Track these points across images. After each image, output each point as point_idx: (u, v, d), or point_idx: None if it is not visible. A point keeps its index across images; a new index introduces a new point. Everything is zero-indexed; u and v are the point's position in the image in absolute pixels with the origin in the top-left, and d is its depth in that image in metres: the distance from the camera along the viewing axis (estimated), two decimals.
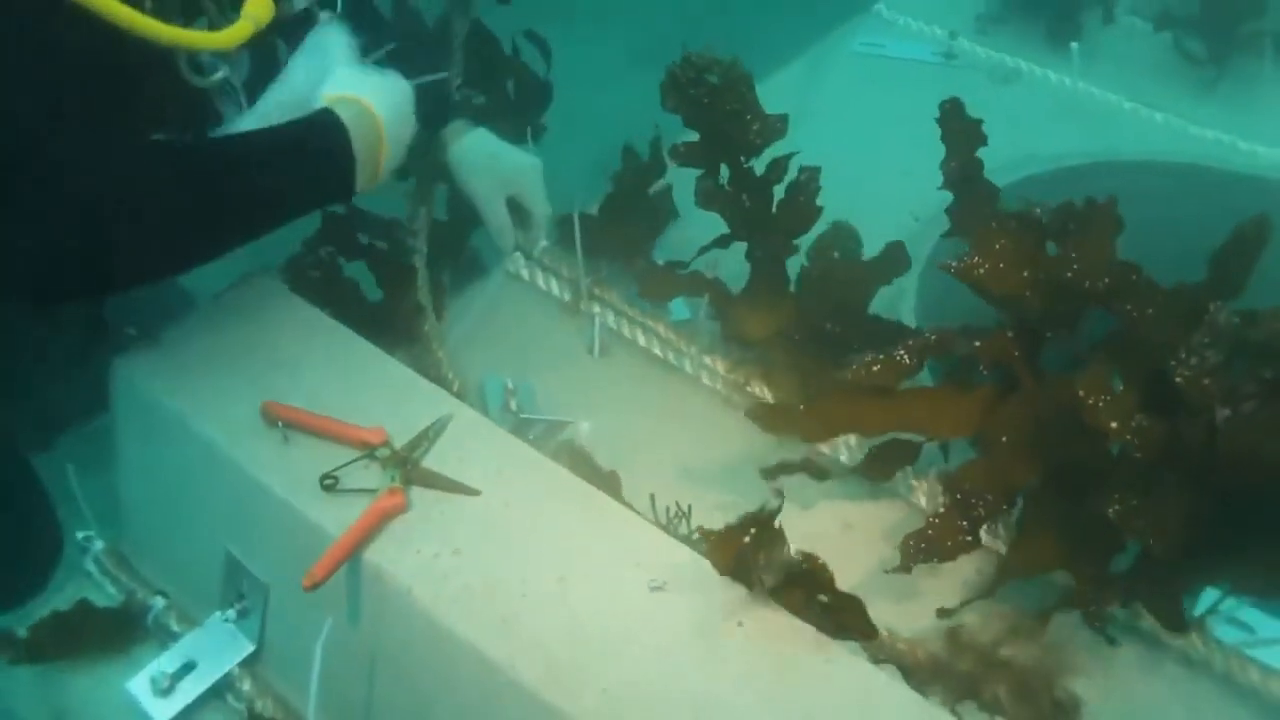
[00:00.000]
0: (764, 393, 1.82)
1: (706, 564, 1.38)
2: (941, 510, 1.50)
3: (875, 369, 1.53)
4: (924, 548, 1.48)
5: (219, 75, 1.55)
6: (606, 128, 2.14)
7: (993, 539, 1.58)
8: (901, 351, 1.53)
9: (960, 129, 1.70)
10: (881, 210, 1.99)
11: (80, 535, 1.68)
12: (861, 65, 2.70)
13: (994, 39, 2.74)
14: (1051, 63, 2.64)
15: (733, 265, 1.86)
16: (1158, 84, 2.61)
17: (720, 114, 1.70)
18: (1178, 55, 2.63)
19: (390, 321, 1.90)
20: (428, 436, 1.48)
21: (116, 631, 1.62)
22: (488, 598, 1.31)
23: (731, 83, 1.69)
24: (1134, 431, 1.36)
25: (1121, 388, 1.42)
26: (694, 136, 1.75)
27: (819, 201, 1.76)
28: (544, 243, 2.07)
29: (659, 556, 1.37)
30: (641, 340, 1.95)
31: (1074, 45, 2.56)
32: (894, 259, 1.80)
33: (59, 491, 1.66)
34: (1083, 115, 2.55)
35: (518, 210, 2.00)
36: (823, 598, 1.32)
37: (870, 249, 1.80)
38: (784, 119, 1.72)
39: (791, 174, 1.76)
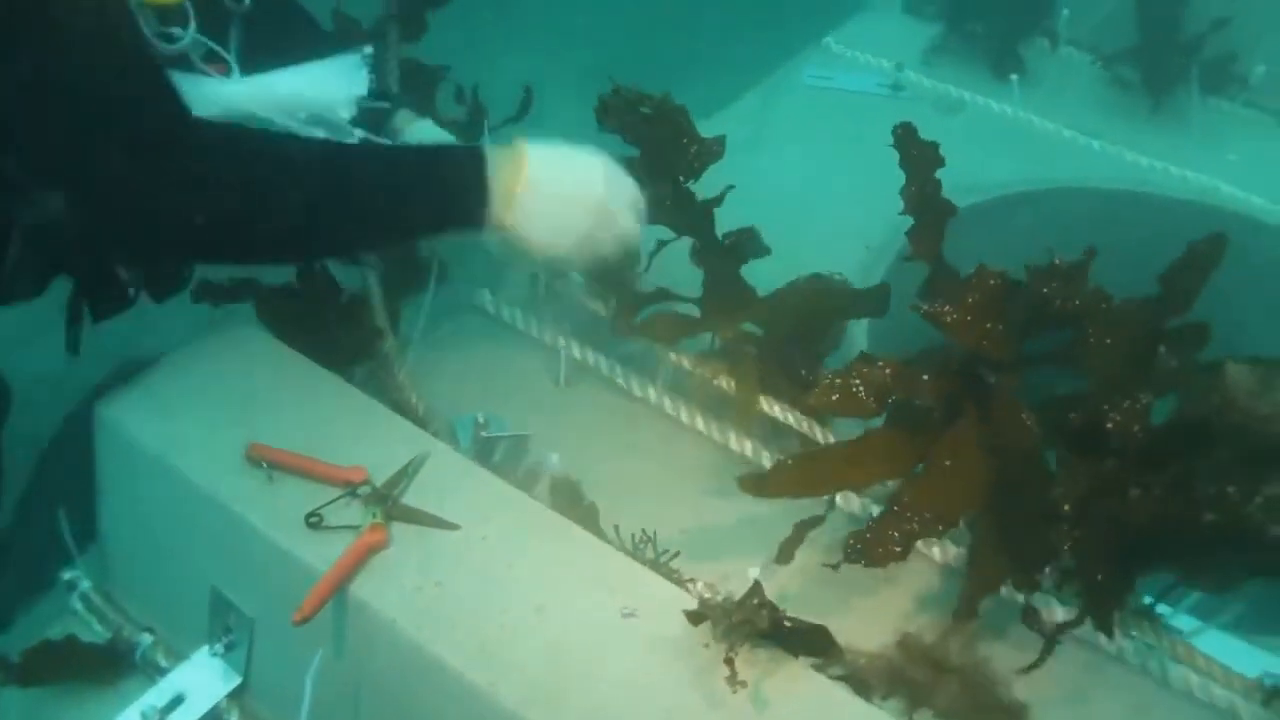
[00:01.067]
0: (729, 386, 1.88)
1: (674, 590, 1.46)
2: (877, 518, 1.57)
3: (834, 399, 1.60)
4: (858, 549, 1.53)
5: (184, 41, 1.54)
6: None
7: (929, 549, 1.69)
8: (859, 385, 1.60)
9: (917, 152, 1.73)
10: (833, 238, 2.08)
11: (66, 575, 1.73)
12: (812, 97, 2.80)
13: (939, 70, 2.85)
14: (994, 93, 2.76)
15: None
16: (1095, 113, 2.73)
17: (657, 137, 1.77)
18: (1113, 85, 2.75)
19: (345, 341, 1.92)
20: (406, 474, 1.54)
21: (104, 667, 1.67)
22: (469, 627, 1.38)
23: (664, 114, 1.76)
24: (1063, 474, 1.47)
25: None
26: None
27: (766, 240, 1.87)
28: None
29: (630, 584, 1.45)
30: (605, 370, 2.02)
31: (1014, 77, 2.68)
32: (876, 298, 1.86)
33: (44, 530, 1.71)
34: (1025, 143, 2.67)
35: None
36: (788, 623, 1.40)
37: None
38: (720, 141, 1.78)
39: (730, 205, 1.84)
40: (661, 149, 1.78)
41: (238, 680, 1.60)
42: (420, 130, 2.00)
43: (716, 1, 3.61)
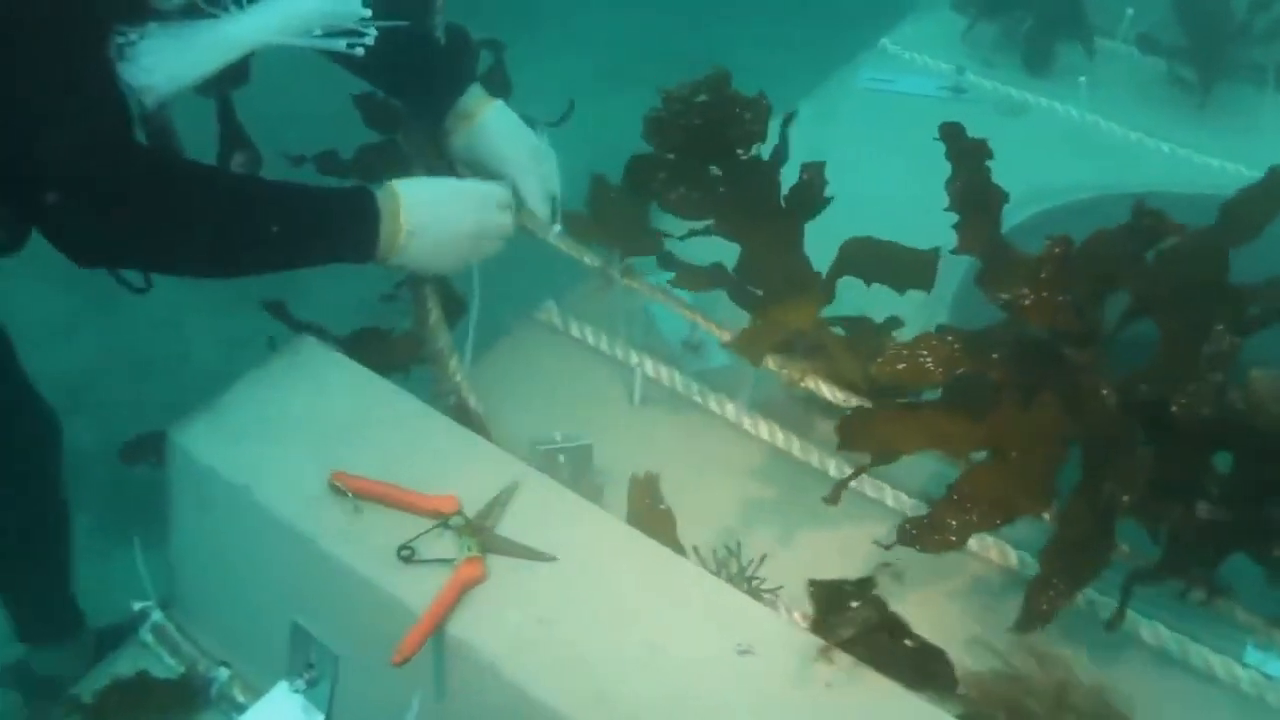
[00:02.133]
0: (819, 387, 1.81)
1: (786, 623, 1.40)
2: (935, 504, 1.54)
3: (900, 368, 1.58)
4: (912, 534, 1.51)
5: None
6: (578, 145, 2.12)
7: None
8: (926, 356, 1.57)
9: (964, 147, 1.70)
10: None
11: (137, 606, 1.66)
12: (870, 101, 2.74)
13: (1000, 72, 2.78)
14: (1058, 95, 2.69)
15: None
16: (1160, 114, 2.66)
17: (714, 121, 1.72)
18: (1175, 85, 2.69)
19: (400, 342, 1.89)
20: (499, 502, 1.48)
21: (179, 702, 1.60)
22: (578, 669, 1.32)
23: (715, 87, 1.72)
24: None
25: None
26: None
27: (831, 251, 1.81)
28: (558, 227, 1.99)
29: (742, 619, 1.38)
30: (681, 387, 1.96)
31: (1081, 79, 2.61)
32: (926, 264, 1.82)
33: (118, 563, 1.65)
34: (1090, 147, 2.60)
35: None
36: (908, 642, 1.34)
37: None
38: (763, 97, 1.74)
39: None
40: (721, 129, 1.73)
41: (320, 718, 1.53)
42: (497, 114, 1.93)
43: (767, 7, 3.55)
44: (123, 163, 1.43)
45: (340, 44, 1.63)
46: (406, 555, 1.41)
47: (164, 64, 1.47)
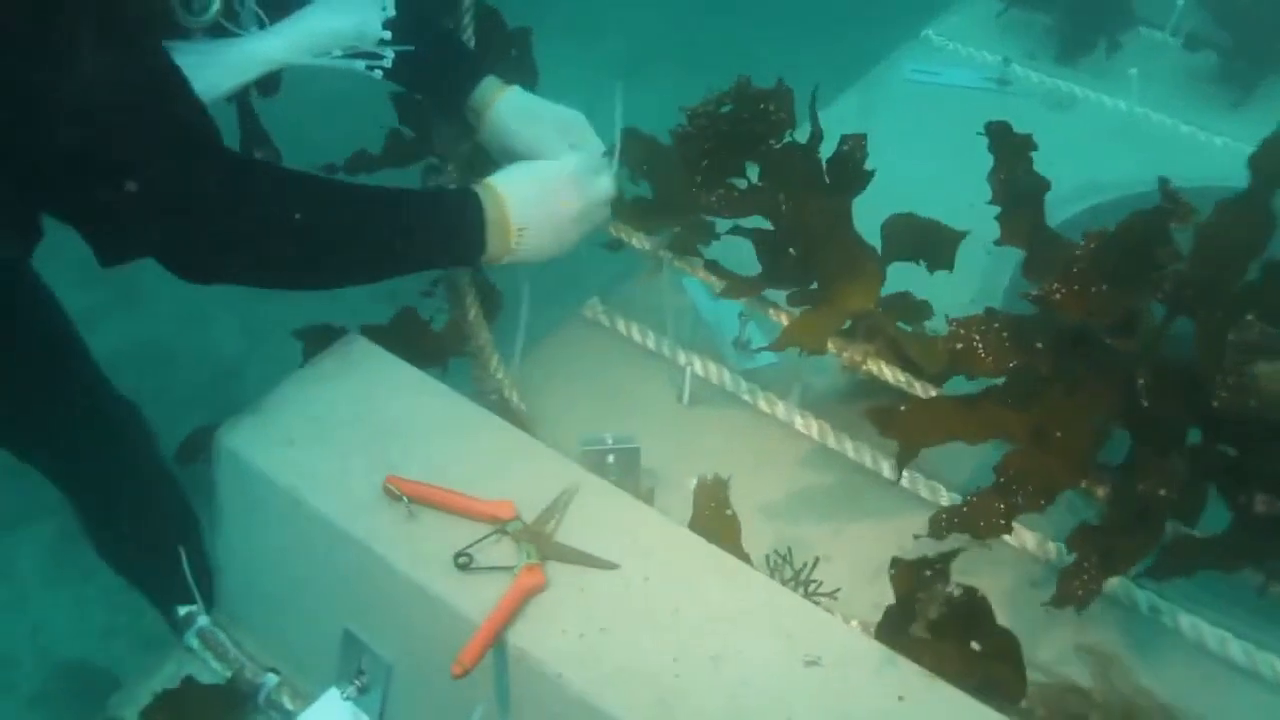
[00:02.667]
0: (882, 370, 1.77)
1: (855, 632, 1.36)
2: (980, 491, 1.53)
3: (958, 348, 1.61)
4: (957, 522, 1.50)
5: (212, 12, 1.53)
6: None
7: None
8: (979, 344, 1.60)
9: (1010, 145, 1.69)
10: None
11: (182, 611, 1.63)
12: (914, 93, 2.69)
13: (1046, 64, 2.73)
14: (1107, 88, 2.63)
15: None
16: (1211, 107, 2.61)
17: (741, 123, 1.73)
18: (1226, 79, 2.63)
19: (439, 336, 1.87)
20: (557, 507, 1.44)
21: (227, 709, 1.57)
22: (642, 679, 1.28)
23: (738, 94, 1.72)
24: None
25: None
26: None
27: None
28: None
29: (808, 628, 1.35)
30: (730, 386, 1.92)
31: (1132, 71, 2.56)
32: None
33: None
34: (1141, 140, 2.55)
35: None
36: (975, 645, 1.31)
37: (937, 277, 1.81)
38: (782, 84, 1.74)
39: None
40: (749, 127, 1.73)
41: None
42: (511, 98, 1.91)
43: (798, 23, 3.52)
44: (228, 174, 1.43)
45: (359, 65, 1.68)
46: (464, 563, 1.38)
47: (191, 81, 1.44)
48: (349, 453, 1.51)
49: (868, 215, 1.80)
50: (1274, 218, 1.49)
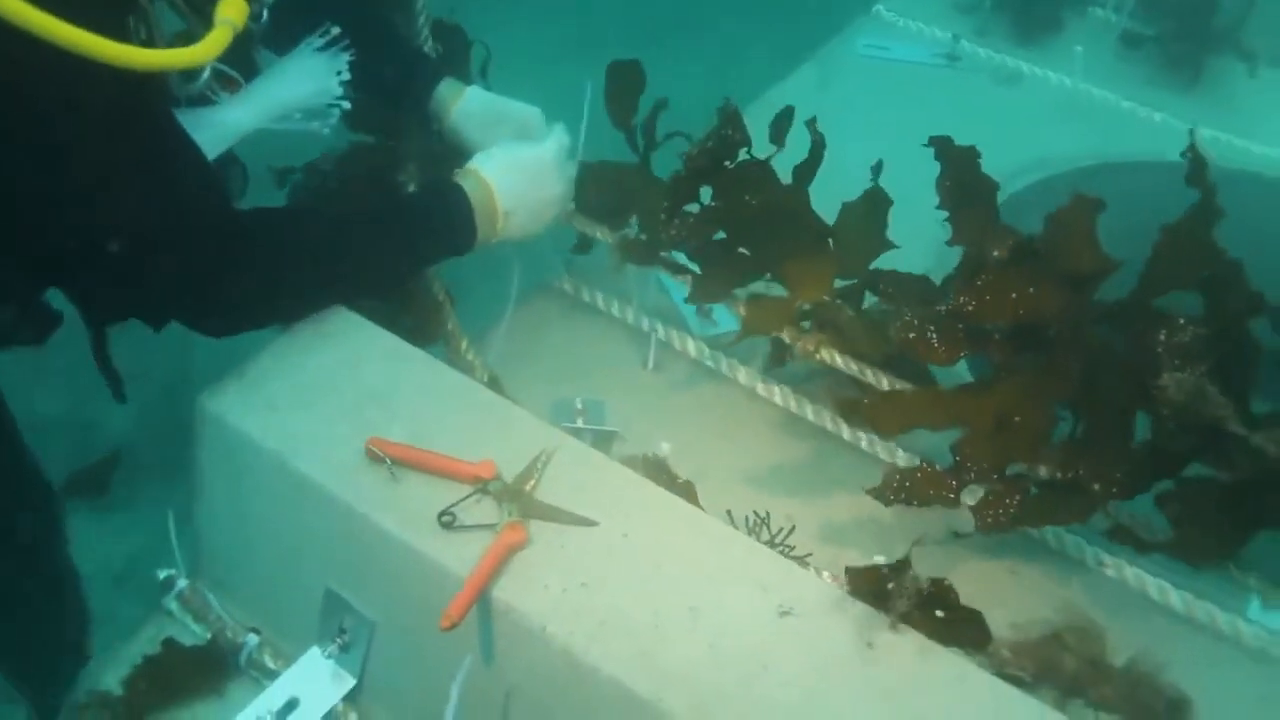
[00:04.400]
0: (834, 358, 1.83)
1: (827, 584, 1.43)
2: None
3: (911, 337, 1.66)
4: (908, 487, 1.58)
5: (204, 78, 1.58)
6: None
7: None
8: (933, 334, 1.65)
9: (954, 155, 1.73)
10: (900, 216, 2.01)
11: (162, 574, 1.66)
12: (867, 68, 2.75)
13: (994, 40, 2.80)
14: (1053, 64, 2.71)
15: None
16: (1152, 84, 2.70)
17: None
18: (1172, 64, 2.73)
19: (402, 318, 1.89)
20: (536, 468, 1.49)
21: (208, 670, 1.60)
22: (623, 631, 1.33)
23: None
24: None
25: None
26: None
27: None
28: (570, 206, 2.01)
29: (781, 580, 1.41)
30: (694, 352, 1.97)
31: (1078, 49, 2.63)
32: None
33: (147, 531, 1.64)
34: (1084, 115, 2.63)
35: None
36: (940, 613, 1.37)
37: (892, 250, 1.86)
38: (729, 103, 1.81)
39: None
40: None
41: (352, 683, 1.54)
42: (470, 99, 1.97)
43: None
44: (238, 235, 1.52)
45: (315, 125, 1.77)
46: (447, 521, 1.42)
47: None
48: (332, 417, 1.54)
49: (821, 190, 1.85)
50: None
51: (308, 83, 1.75)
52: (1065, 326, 1.60)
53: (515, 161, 1.83)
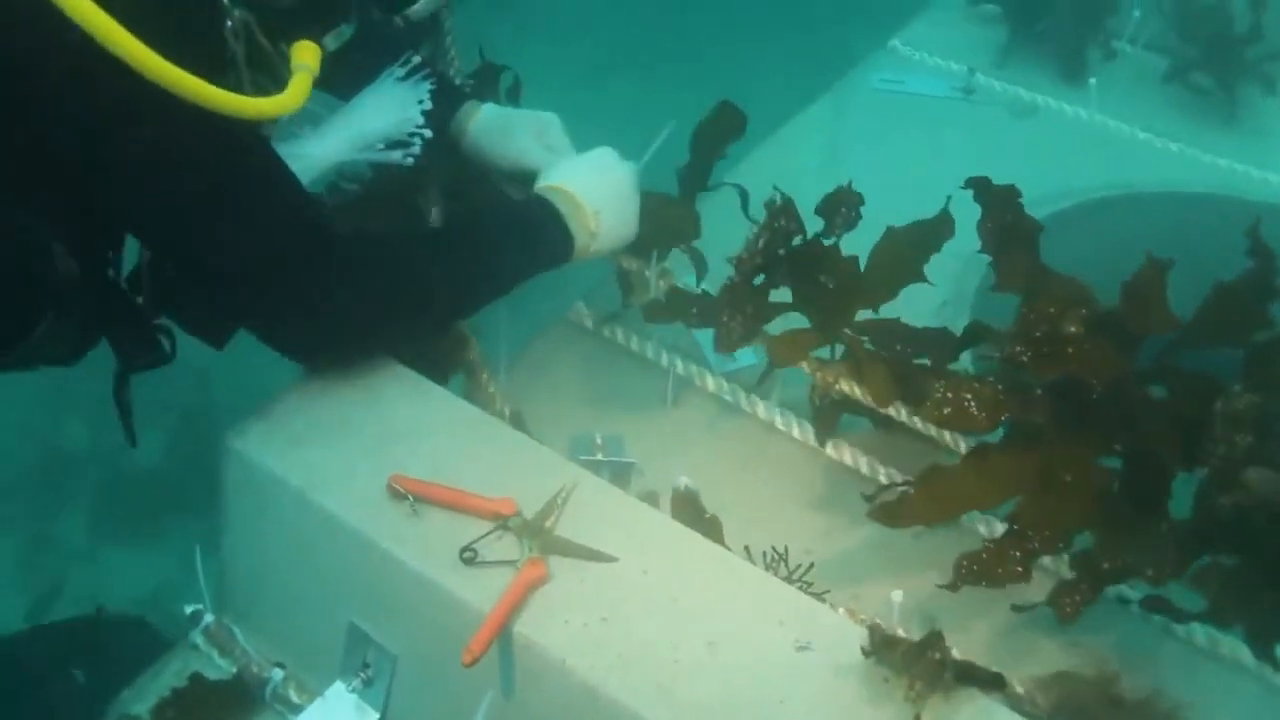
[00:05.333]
0: (854, 390, 1.81)
1: (845, 621, 1.44)
2: (997, 538, 1.58)
3: (947, 413, 1.61)
4: (976, 570, 1.55)
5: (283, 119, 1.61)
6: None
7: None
8: (970, 400, 1.61)
9: (995, 196, 1.70)
10: None
11: (189, 609, 1.68)
12: (883, 102, 2.77)
13: (1010, 73, 2.82)
14: (1068, 96, 2.73)
15: None
16: (1171, 115, 2.71)
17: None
18: (1188, 88, 2.73)
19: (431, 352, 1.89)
20: (556, 504, 1.50)
21: (234, 704, 1.62)
22: (642, 665, 1.35)
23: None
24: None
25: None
26: None
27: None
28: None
29: (799, 615, 1.41)
30: (713, 387, 1.99)
31: (1091, 80, 2.65)
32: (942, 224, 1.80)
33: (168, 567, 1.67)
34: (1101, 147, 2.65)
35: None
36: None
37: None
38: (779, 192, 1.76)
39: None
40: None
41: (375, 717, 1.56)
42: (486, 115, 2.00)
43: (778, 8, 3.58)
44: (350, 266, 1.55)
45: (396, 155, 1.80)
46: (469, 557, 1.44)
47: None
48: (354, 454, 1.57)
49: None
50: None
51: (390, 113, 1.79)
52: (1119, 383, 1.57)
53: (588, 164, 1.87)
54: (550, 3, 4.19)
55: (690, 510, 1.60)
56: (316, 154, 1.71)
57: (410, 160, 1.79)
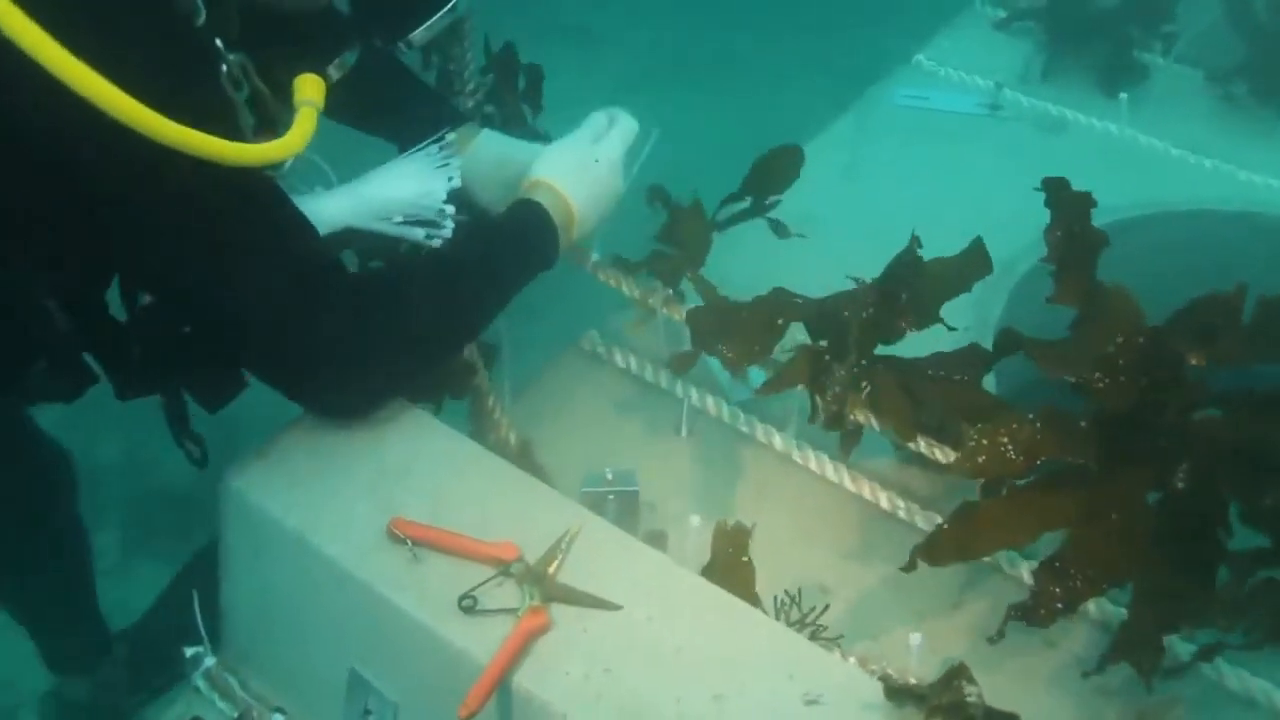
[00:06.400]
0: (869, 419, 1.75)
1: (856, 672, 1.39)
2: (1038, 575, 1.51)
3: (981, 461, 1.53)
4: (1018, 614, 1.49)
5: (287, 165, 1.54)
6: None
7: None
8: (1007, 444, 1.52)
9: (1067, 199, 1.65)
10: None
11: (189, 651, 1.65)
12: (906, 119, 2.71)
13: (1035, 88, 2.75)
14: (1098, 111, 2.66)
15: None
16: (1205, 130, 2.63)
17: None
18: (1223, 101, 2.66)
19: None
20: (560, 549, 1.46)
21: None
22: (645, 719, 1.30)
23: None
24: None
25: None
26: None
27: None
28: (594, 256, 2.00)
29: (808, 667, 1.36)
30: (728, 417, 1.94)
31: (1123, 95, 2.58)
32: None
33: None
34: (1132, 164, 2.57)
35: None
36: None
37: None
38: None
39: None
40: None
41: None
42: (484, 143, 1.95)
43: (800, 23, 3.54)
44: (361, 309, 1.50)
45: (419, 234, 1.74)
46: (468, 605, 1.40)
47: None
48: (354, 495, 1.53)
49: (857, 243, 1.82)
50: None
51: (413, 185, 1.74)
52: (1178, 412, 1.50)
53: (579, 162, 1.81)
54: (576, 10, 4.17)
55: (733, 548, 1.54)
56: (327, 213, 1.65)
57: (437, 242, 1.73)
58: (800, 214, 2.03)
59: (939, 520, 1.75)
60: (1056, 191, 1.64)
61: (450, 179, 1.75)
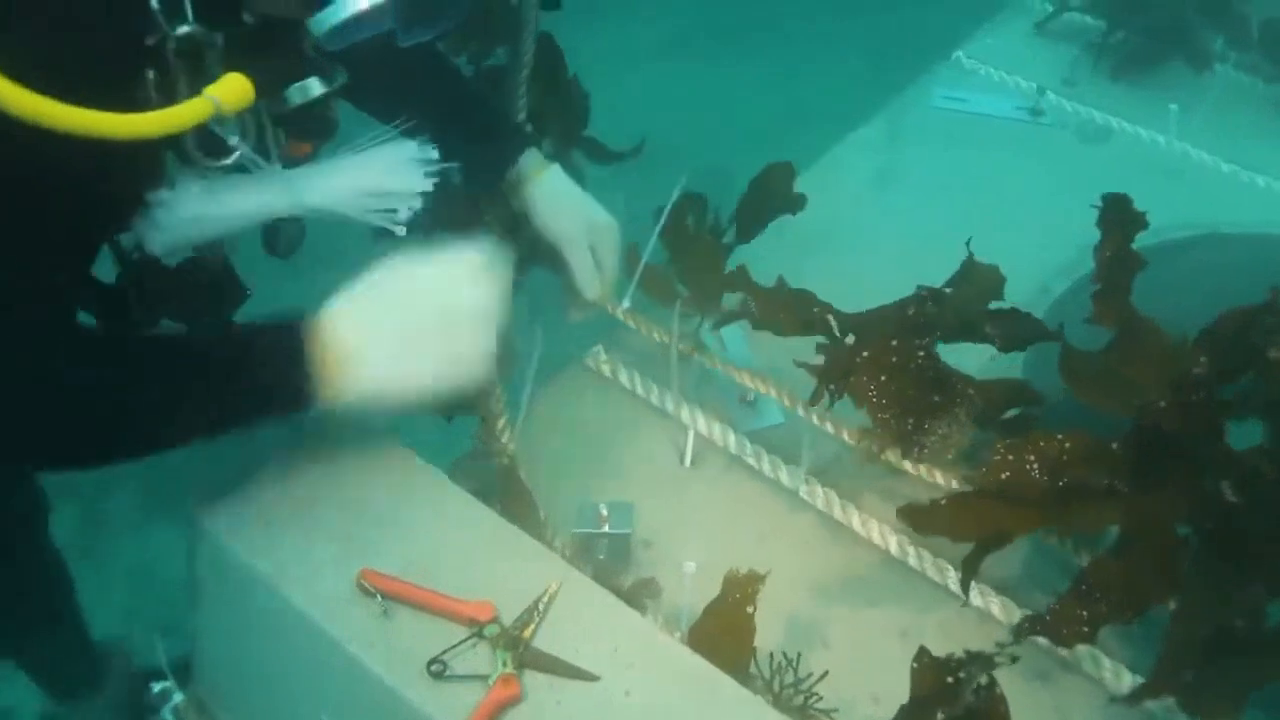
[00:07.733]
0: (899, 461, 1.68)
1: None
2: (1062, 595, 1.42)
3: (1006, 477, 1.43)
4: (1039, 629, 1.41)
5: (235, 156, 1.36)
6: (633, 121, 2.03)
7: None
8: (1033, 461, 1.42)
9: (1122, 219, 1.57)
10: None
11: (156, 687, 1.59)
12: (944, 122, 2.58)
13: (1082, 94, 2.61)
14: (1144, 120, 2.52)
15: None
16: (1260, 145, 2.48)
17: None
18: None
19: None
20: (538, 610, 1.38)
21: None
22: None
23: None
24: None
25: None
26: None
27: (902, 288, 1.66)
28: (626, 303, 1.92)
29: None
30: (736, 448, 1.85)
31: (1173, 107, 2.43)
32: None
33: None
34: (1179, 178, 2.44)
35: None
36: None
37: None
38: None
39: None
40: None
41: None
42: (548, 181, 1.83)
43: (838, 19, 3.41)
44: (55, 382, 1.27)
45: (385, 219, 1.49)
46: (437, 670, 1.32)
47: (184, 223, 1.37)
48: (327, 538, 1.45)
49: (888, 252, 1.72)
50: None
51: (389, 178, 1.50)
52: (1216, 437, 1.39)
53: (392, 306, 1.42)
54: None
55: (740, 595, 1.44)
56: (299, 187, 1.44)
57: (401, 231, 1.49)
58: (830, 221, 1.93)
59: (949, 569, 1.67)
60: (1117, 210, 1.55)
61: (419, 186, 1.51)
